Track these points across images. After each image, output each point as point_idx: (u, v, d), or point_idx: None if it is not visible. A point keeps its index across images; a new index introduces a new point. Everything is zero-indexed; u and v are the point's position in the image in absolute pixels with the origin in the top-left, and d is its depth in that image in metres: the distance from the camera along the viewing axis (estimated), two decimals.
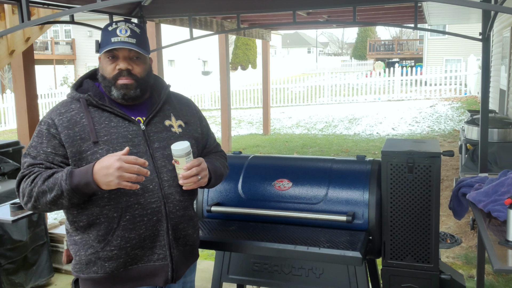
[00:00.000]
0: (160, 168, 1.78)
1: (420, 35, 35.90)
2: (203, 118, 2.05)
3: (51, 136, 1.71)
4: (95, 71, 1.89)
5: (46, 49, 28.37)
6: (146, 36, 1.84)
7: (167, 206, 1.78)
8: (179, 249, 1.85)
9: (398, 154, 2.24)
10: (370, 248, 2.31)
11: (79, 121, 1.73)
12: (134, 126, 1.78)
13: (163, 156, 1.79)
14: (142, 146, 1.77)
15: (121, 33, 1.74)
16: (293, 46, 61.14)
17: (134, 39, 1.75)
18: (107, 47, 1.74)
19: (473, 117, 6.17)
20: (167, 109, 1.89)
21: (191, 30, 3.98)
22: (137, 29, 1.79)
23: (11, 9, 4.76)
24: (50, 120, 1.73)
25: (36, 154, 1.70)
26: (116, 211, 1.71)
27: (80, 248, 1.77)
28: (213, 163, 1.92)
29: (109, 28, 1.77)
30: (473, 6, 1.63)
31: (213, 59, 32.23)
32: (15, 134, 12.32)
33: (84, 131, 1.71)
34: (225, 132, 9.70)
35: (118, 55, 1.76)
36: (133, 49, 1.75)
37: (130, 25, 1.78)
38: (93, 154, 1.70)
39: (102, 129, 1.73)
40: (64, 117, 1.73)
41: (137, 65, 1.78)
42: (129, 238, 1.73)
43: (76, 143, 1.70)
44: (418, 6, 4.04)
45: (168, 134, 1.84)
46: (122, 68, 1.75)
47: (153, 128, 1.81)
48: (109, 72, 1.77)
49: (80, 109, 1.75)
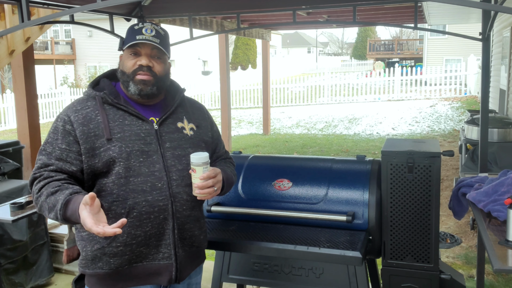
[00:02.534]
0: (169, 167, 1.80)
1: (420, 35, 35.91)
2: (214, 123, 2.10)
3: (66, 133, 1.74)
4: (113, 71, 1.95)
5: (46, 49, 28.36)
6: (169, 40, 1.90)
7: (174, 205, 1.80)
8: (184, 249, 1.86)
9: (398, 154, 2.24)
10: (370, 248, 2.31)
11: (94, 118, 1.77)
12: (147, 125, 1.82)
13: (173, 156, 1.82)
14: (154, 145, 1.80)
15: (146, 32, 1.80)
16: (293, 46, 61.15)
17: (158, 39, 1.81)
18: (131, 42, 1.79)
19: (473, 117, 6.17)
20: (180, 112, 1.93)
21: (191, 30, 3.98)
22: (162, 31, 1.85)
23: (11, 9, 4.76)
24: (66, 117, 1.77)
25: (52, 150, 1.74)
26: (124, 208, 1.74)
27: (87, 244, 1.80)
28: (225, 171, 1.96)
29: (135, 27, 1.83)
30: (473, 6, 1.63)
31: (213, 59, 32.23)
32: (15, 134, 12.32)
33: (98, 128, 1.75)
34: (225, 132, 9.70)
35: (141, 52, 1.81)
36: (156, 46, 1.80)
37: (156, 26, 1.85)
38: (106, 151, 1.73)
39: (116, 127, 1.77)
40: (80, 114, 1.77)
41: (158, 63, 1.83)
42: (135, 235, 1.76)
43: (90, 140, 1.74)
44: (418, 6, 4.04)
45: (179, 135, 1.87)
46: (143, 64, 1.79)
47: (165, 129, 1.85)
48: (129, 67, 1.81)
49: (95, 106, 1.79)
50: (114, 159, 1.73)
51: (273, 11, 5.87)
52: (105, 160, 1.73)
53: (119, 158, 1.73)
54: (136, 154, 1.76)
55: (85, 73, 28.55)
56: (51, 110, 16.85)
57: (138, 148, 1.77)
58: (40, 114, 9.72)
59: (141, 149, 1.77)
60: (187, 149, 1.86)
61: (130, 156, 1.75)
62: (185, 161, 1.84)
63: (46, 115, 16.52)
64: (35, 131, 5.09)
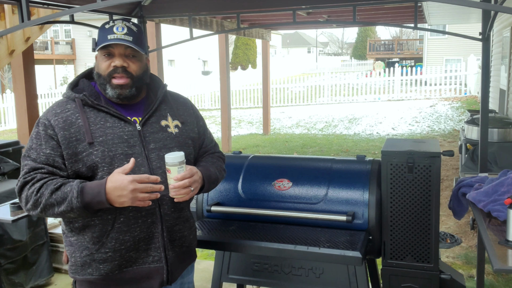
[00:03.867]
0: (155, 169, 1.75)
1: (420, 35, 35.90)
2: (200, 117, 2.03)
3: (48, 137, 1.69)
4: (91, 70, 1.86)
5: (46, 49, 28.37)
6: (144, 35, 1.82)
7: (162, 208, 1.77)
8: (174, 250, 1.84)
9: (398, 154, 2.24)
10: (370, 248, 2.31)
11: (75, 121, 1.70)
12: (130, 127, 1.75)
13: (158, 157, 1.77)
14: (138, 147, 1.74)
15: (117, 30, 1.72)
16: (293, 46, 61.13)
17: (131, 37, 1.73)
18: (102, 43, 1.72)
19: (473, 117, 6.17)
20: (164, 108, 1.87)
21: (191, 30, 3.98)
22: (134, 27, 1.77)
23: (11, 9, 4.77)
24: (46, 121, 1.71)
25: (36, 156, 1.68)
26: (111, 213, 1.70)
27: (75, 250, 1.76)
28: (207, 168, 1.89)
29: (106, 26, 1.75)
30: (473, 6, 1.63)
31: (213, 59, 32.23)
32: (15, 134, 12.32)
33: (79, 132, 1.69)
34: (225, 132, 9.70)
35: (114, 52, 1.73)
36: (129, 46, 1.72)
37: (127, 23, 1.76)
38: (89, 156, 1.68)
39: (98, 130, 1.71)
40: (60, 117, 1.71)
41: (133, 62, 1.75)
42: (124, 241, 1.72)
43: (72, 145, 1.68)
44: (418, 6, 4.04)
45: (164, 134, 1.81)
46: (117, 65, 1.72)
47: (149, 129, 1.79)
48: (104, 69, 1.74)
49: (75, 109, 1.72)
50: (97, 164, 1.68)
51: (273, 11, 5.87)
52: (88, 165, 1.68)
53: (102, 163, 1.68)
54: (119, 158, 1.70)
55: None
56: None
57: (122, 152, 1.71)
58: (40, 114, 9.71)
59: (125, 152, 1.70)
60: (172, 149, 1.80)
61: (114, 161, 1.69)
62: None
63: None
64: None
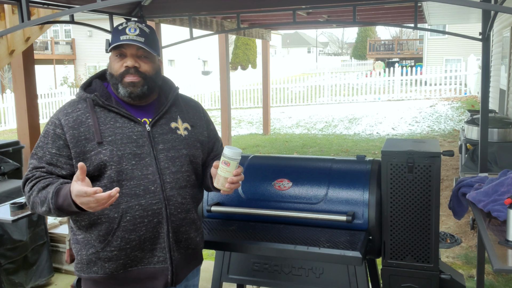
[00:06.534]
0: (163, 169, 1.77)
1: (420, 35, 35.91)
2: (210, 122, 2.05)
3: (56, 137, 1.72)
4: (105, 71, 1.89)
5: (46, 49, 28.36)
6: (156, 37, 1.85)
7: (168, 208, 1.78)
8: (180, 252, 1.84)
9: (398, 154, 2.24)
10: (370, 248, 2.31)
11: (85, 121, 1.73)
12: (140, 127, 1.78)
13: (166, 158, 1.79)
14: (146, 147, 1.77)
15: (130, 31, 1.75)
16: (293, 46, 61.14)
17: (143, 38, 1.76)
18: (115, 43, 1.75)
19: (473, 117, 6.17)
20: (174, 111, 1.89)
21: (191, 30, 3.98)
22: (147, 29, 1.80)
23: (11, 9, 4.77)
24: (57, 121, 1.75)
25: (42, 154, 1.73)
26: (117, 212, 1.72)
27: (81, 248, 1.79)
28: None
29: (119, 27, 1.79)
30: (473, 6, 1.63)
31: (213, 59, 32.22)
32: (15, 134, 12.32)
33: (89, 131, 1.72)
34: (225, 132, 9.70)
35: (126, 53, 1.76)
36: (141, 47, 1.75)
37: (140, 24, 1.79)
38: (97, 155, 1.70)
39: (107, 130, 1.73)
40: (70, 117, 1.74)
41: (145, 63, 1.78)
42: (129, 239, 1.74)
43: (81, 144, 1.71)
44: (418, 6, 4.04)
45: (173, 136, 1.83)
46: (129, 65, 1.75)
47: (158, 130, 1.81)
48: (116, 69, 1.77)
49: (86, 109, 1.76)
50: (105, 163, 1.70)
51: (273, 11, 5.87)
52: (96, 164, 1.70)
53: (110, 161, 1.70)
54: (128, 157, 1.72)
55: (85, 73, 28.54)
56: (51, 110, 16.83)
57: (130, 151, 1.73)
58: (40, 114, 9.71)
59: (133, 152, 1.73)
60: (181, 151, 1.82)
61: (122, 160, 1.71)
62: (179, 163, 1.81)
63: (46, 115, 16.50)
64: (35, 131, 5.09)
